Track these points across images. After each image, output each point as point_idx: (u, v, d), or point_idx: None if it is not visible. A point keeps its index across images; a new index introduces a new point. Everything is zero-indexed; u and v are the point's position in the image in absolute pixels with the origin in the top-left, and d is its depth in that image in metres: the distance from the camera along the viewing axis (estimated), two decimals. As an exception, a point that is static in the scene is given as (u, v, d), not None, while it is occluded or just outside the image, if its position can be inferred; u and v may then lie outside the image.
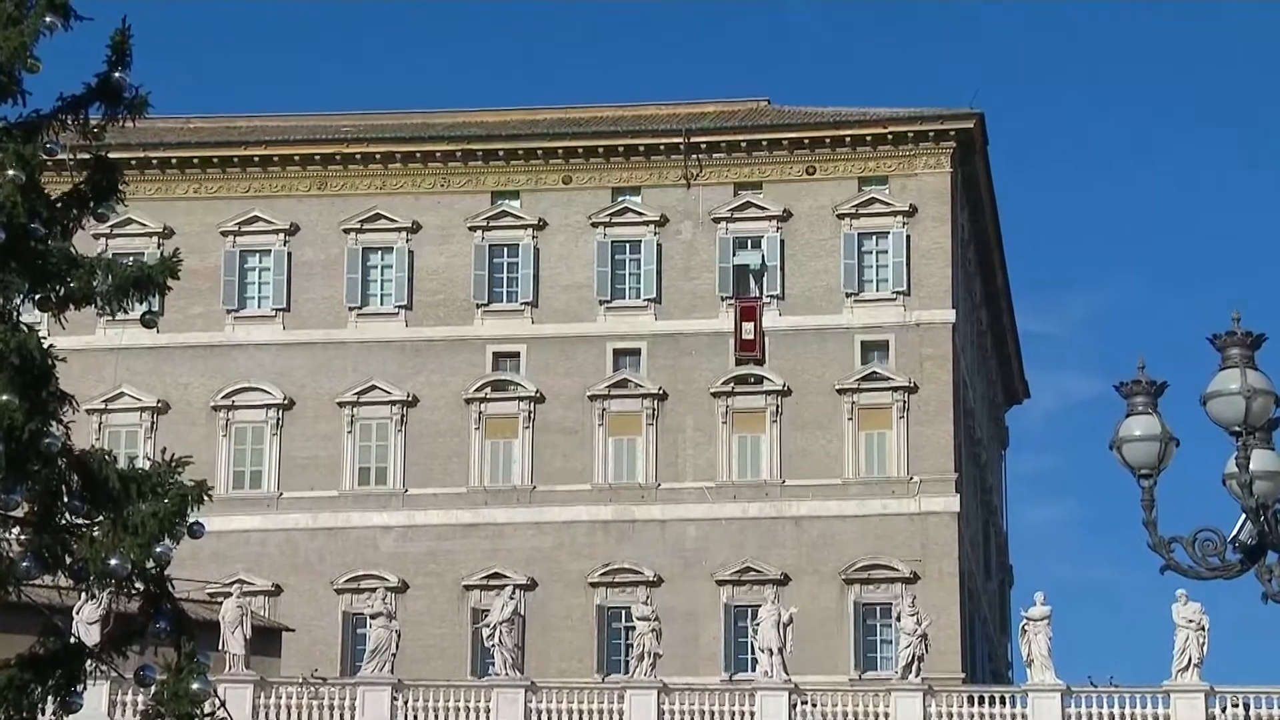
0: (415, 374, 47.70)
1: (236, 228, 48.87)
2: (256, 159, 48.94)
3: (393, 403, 47.46)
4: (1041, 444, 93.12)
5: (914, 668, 38.39)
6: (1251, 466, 11.65)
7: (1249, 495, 11.65)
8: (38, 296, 14.28)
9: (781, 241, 47.56)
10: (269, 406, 47.63)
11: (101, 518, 13.99)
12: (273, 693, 38.22)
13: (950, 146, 47.52)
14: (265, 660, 39.91)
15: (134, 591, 14.14)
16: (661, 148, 48.11)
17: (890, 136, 47.46)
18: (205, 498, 14.19)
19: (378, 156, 48.75)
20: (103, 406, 47.56)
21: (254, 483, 47.36)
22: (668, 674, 39.47)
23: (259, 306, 48.42)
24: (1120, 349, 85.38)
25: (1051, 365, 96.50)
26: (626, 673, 41.31)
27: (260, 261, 48.70)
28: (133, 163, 47.15)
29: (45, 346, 13.88)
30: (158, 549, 13.86)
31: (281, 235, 48.65)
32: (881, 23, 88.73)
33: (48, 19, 14.00)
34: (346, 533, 46.85)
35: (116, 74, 14.27)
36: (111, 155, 14.83)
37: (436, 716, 37.89)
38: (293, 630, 43.65)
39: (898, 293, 46.96)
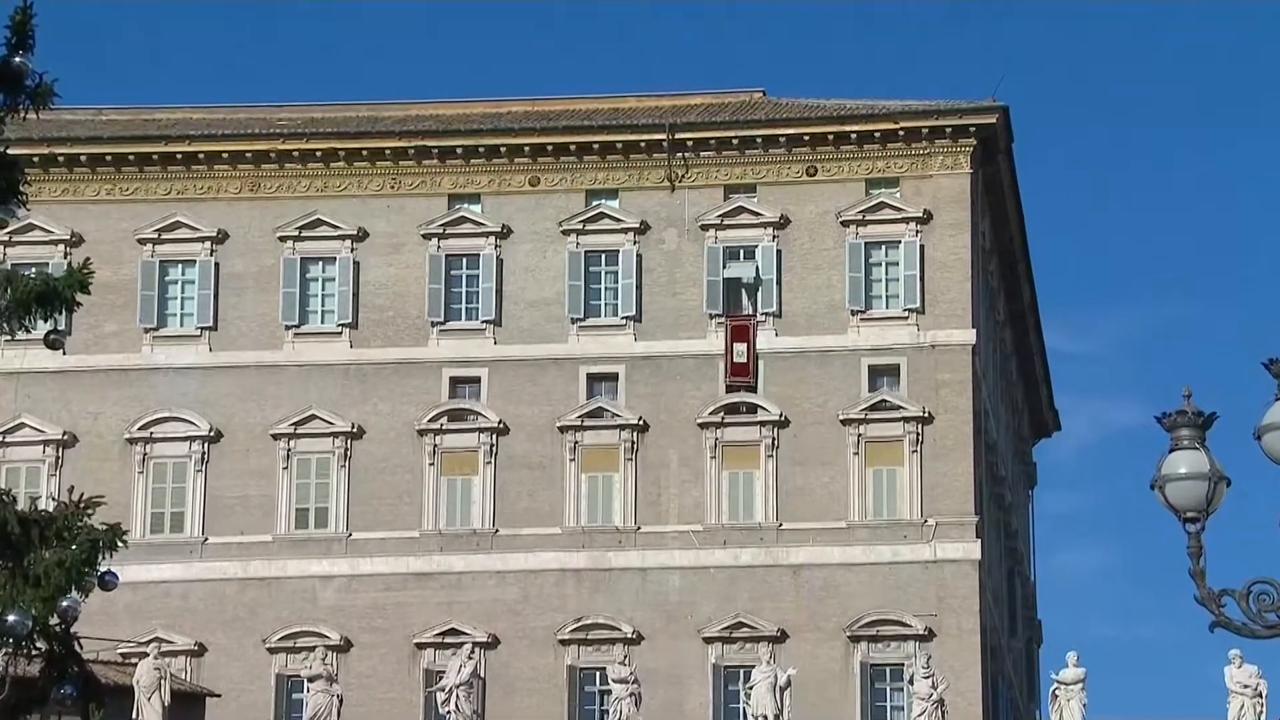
0: (361, 402, 47.63)
1: (156, 235, 48.76)
2: (179, 156, 48.83)
3: (335, 434, 47.38)
4: (1074, 482, 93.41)
5: (929, 737, 38.27)
6: (1313, 509, 11.64)
7: (1311, 542, 11.63)
8: (-74, 313, 14.15)
9: (778, 252, 47.65)
10: (192, 439, 47.46)
11: (-2, 567, 13.86)
12: (195, 767, 37.96)
13: (970, 144, 47.70)
14: (187, 730, 39.60)
15: (35, 651, 14.00)
16: (642, 145, 48.20)
17: (902, 133, 47.62)
18: (119, 543, 14.07)
19: (318, 154, 48.74)
20: (0, 439, 47.31)
21: (175, 526, 47.20)
22: (648, 745, 39.37)
23: (181, 325, 48.31)
24: (1164, 374, 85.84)
25: (1086, 392, 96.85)
26: (601, 744, 41.22)
27: (183, 274, 48.57)
28: (36, 160, 47.04)
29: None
30: (63, 603, 13.73)
31: (208, 244, 48.56)
32: (891, 5, 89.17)
33: (-62, -4, 13.92)
34: (281, 583, 46.69)
35: (17, 58, 14.20)
36: (11, 151, 14.74)
37: (383, 794, 37.71)
38: (219, 695, 43.44)
39: (910, 310, 47.08)
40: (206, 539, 47.03)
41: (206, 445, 47.41)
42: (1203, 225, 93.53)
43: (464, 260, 48.31)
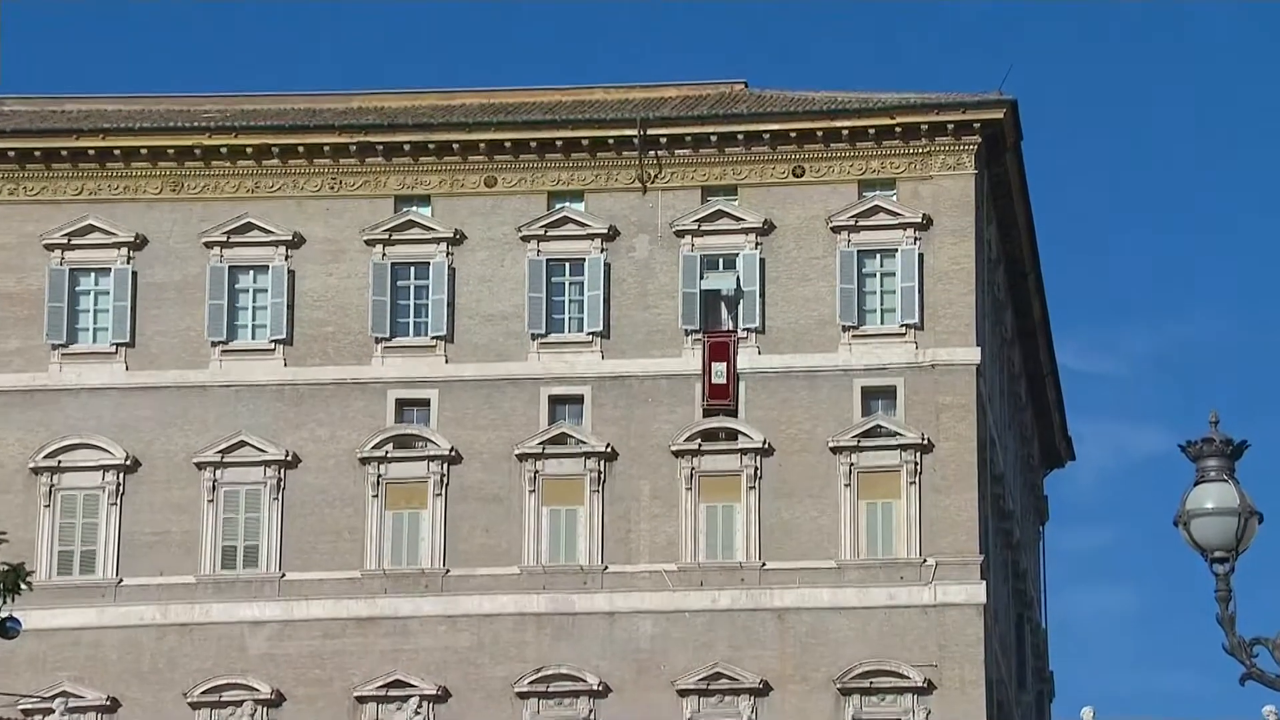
0: (296, 427, 47.50)
1: (65, 240, 48.56)
2: (92, 152, 48.63)
3: (267, 463, 47.25)
4: (1091, 517, 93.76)
5: (929, 802, 38.26)
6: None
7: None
8: None
9: (761, 261, 47.71)
10: (106, 468, 47.21)
11: (-116, 613, 13.73)
12: (108, 837, 37.74)
13: (974, 142, 47.88)
14: (98, 795, 39.32)
15: (-75, 708, 13.90)
16: (611, 142, 48.24)
17: (899, 129, 47.77)
18: (22, 586, 13.97)
19: (249, 150, 48.63)
20: (-108, 468, 47.20)
21: (85, 566, 46.93)
22: (616, 811, 39.32)
23: (94, 341, 48.11)
24: (1190, 397, 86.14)
25: (1103, 417, 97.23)
26: (563, 809, 41.14)
27: (96, 283, 48.37)
28: (-66, 156, 46.85)
29: None
30: (-43, 653, 13.62)
31: (124, 250, 48.36)
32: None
33: None
34: (205, 630, 46.47)
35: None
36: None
37: None
38: (135, 756, 43.19)
39: (907, 326, 47.18)
40: (121, 580, 46.76)
41: (122, 475, 47.16)
42: (1232, 232, 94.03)
43: (412, 269, 48.22)
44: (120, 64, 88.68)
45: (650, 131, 47.92)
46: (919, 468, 46.27)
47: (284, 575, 46.85)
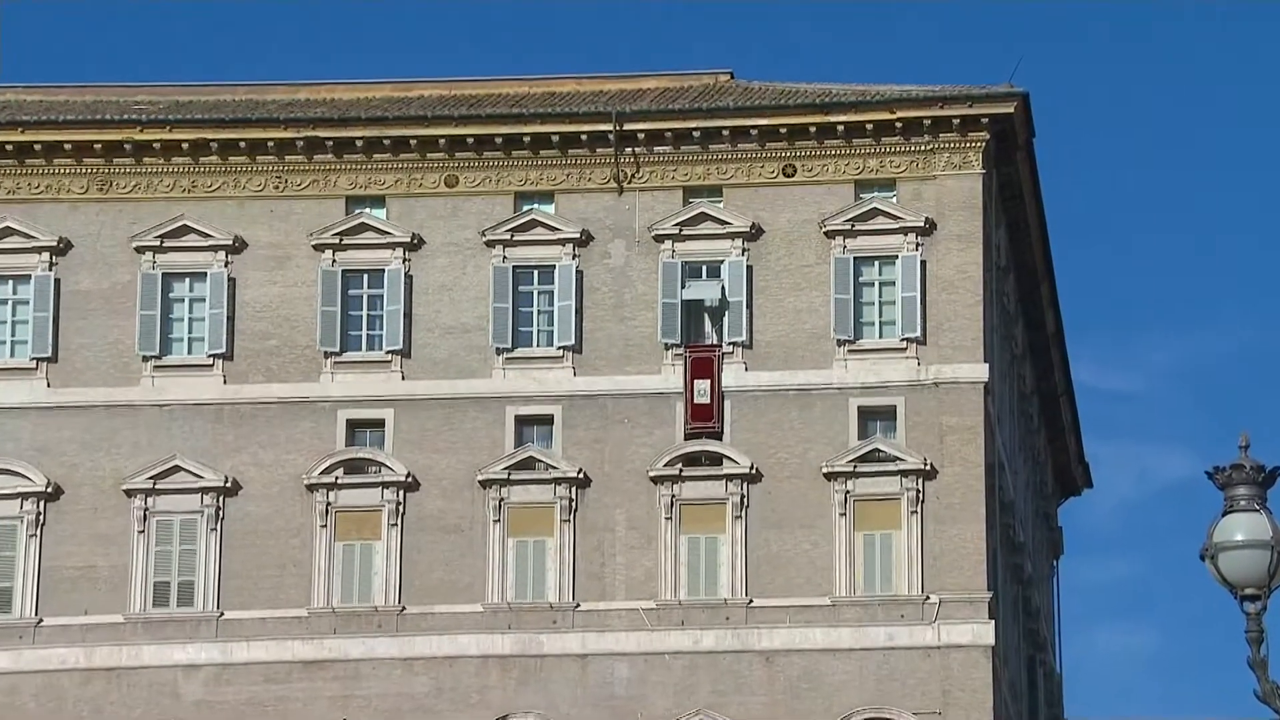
0: (236, 450, 47.33)
1: (-17, 244, 48.48)
2: (10, 147, 48.44)
3: (204, 490, 47.10)
4: (1109, 549, 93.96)
5: None
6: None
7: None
8: None
9: (749, 268, 47.63)
10: (24, 496, 47.00)
11: None
12: None
13: (981, 139, 47.88)
14: None
15: None
16: (583, 138, 48.21)
17: (899, 125, 47.76)
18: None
19: (185, 146, 48.51)
20: None
21: (1, 605, 46.70)
22: None
23: (12, 355, 47.96)
24: (1218, 418, 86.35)
25: (1122, 439, 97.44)
26: None
27: (15, 291, 48.16)
28: None
29: None
30: None
31: (46, 255, 48.14)
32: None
33: None
34: (135, 675, 46.31)
35: None
36: None
37: None
38: (56, 814, 43.01)
39: (909, 340, 47.10)
40: (41, 620, 46.57)
41: (42, 504, 46.95)
42: (1260, 235, 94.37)
43: (365, 277, 48.16)
44: (41, 51, 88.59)
45: (627, 126, 47.95)
46: (921, 496, 46.17)
47: (222, 614, 46.66)
